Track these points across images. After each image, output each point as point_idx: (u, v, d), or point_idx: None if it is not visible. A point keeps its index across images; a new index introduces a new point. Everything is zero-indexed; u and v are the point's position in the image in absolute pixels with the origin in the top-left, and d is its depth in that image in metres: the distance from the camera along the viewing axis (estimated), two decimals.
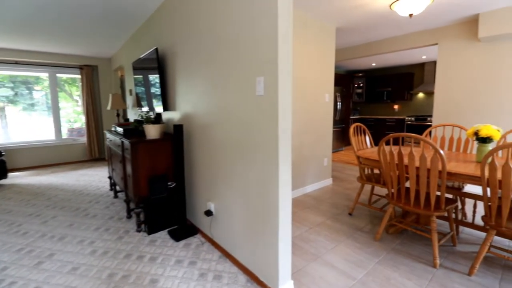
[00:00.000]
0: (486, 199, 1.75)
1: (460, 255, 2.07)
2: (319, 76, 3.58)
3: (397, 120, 7.08)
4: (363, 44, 4.80)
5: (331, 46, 3.72)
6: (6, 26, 3.59)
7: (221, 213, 2.08)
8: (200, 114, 2.24)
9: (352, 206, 2.81)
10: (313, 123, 3.58)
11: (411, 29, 4.00)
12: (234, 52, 1.73)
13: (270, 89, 1.48)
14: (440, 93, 3.92)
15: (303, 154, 3.48)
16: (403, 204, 2.08)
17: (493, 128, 2.07)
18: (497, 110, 3.48)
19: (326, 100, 3.74)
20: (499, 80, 3.44)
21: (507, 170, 1.56)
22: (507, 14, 3.10)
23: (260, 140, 1.59)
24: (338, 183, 4.01)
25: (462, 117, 3.73)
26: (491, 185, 1.66)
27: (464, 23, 3.64)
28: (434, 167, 1.83)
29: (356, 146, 2.81)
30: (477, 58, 3.58)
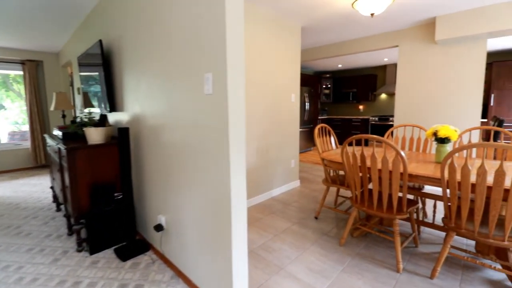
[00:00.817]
0: (446, 201, 1.73)
1: (422, 257, 2.05)
2: (285, 76, 3.46)
3: (362, 120, 7.29)
4: (329, 45, 4.81)
5: (297, 46, 3.64)
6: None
7: (173, 227, 1.85)
8: (148, 115, 1.98)
9: (318, 209, 2.72)
10: (280, 123, 3.46)
11: (374, 31, 4.05)
12: (184, 45, 1.52)
13: (219, 87, 1.29)
14: (401, 94, 4.02)
15: (270, 156, 3.34)
16: (366, 208, 2.01)
17: (451, 129, 2.08)
18: (453, 110, 3.63)
19: (292, 100, 3.65)
20: (454, 81, 3.59)
21: (466, 172, 1.53)
22: (462, 18, 3.24)
23: (210, 145, 1.40)
24: (306, 184, 3.94)
25: (422, 117, 3.85)
26: (450, 186, 1.63)
27: (422, 26, 3.76)
28: (395, 169, 1.78)
29: (321, 147, 2.73)
30: (434, 60, 3.72)
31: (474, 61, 3.43)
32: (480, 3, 3.01)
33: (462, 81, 3.52)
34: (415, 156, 2.44)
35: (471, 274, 1.84)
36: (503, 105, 5.32)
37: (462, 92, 3.53)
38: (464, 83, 3.51)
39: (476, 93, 3.45)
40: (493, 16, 3.02)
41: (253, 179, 3.12)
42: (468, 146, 1.49)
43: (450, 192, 1.65)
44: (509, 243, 1.50)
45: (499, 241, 1.52)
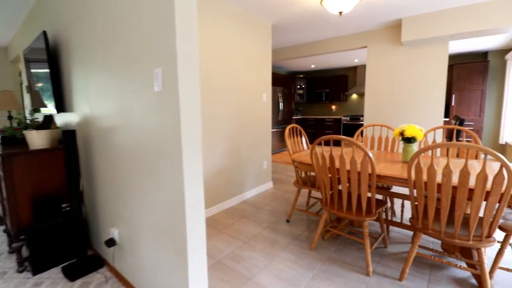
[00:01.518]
0: (413, 201, 1.71)
1: (391, 257, 2.04)
2: (256, 75, 3.36)
3: (335, 119, 7.41)
4: (301, 45, 4.78)
5: (268, 44, 3.54)
6: None
7: (127, 242, 1.65)
8: (98, 116, 1.77)
9: (289, 212, 2.64)
10: (251, 123, 3.34)
11: (344, 32, 4.08)
12: (131, 35, 1.34)
13: (169, 84, 1.14)
14: (370, 94, 4.08)
15: (241, 158, 3.21)
16: (336, 211, 1.95)
17: (417, 128, 2.09)
18: (419, 109, 3.75)
19: (264, 100, 3.55)
20: (419, 81, 3.70)
21: (432, 172, 1.51)
22: (425, 20, 3.33)
23: (162, 149, 1.24)
24: (279, 186, 3.86)
25: (390, 117, 3.93)
26: (417, 187, 1.61)
27: (389, 28, 3.84)
28: (364, 170, 1.73)
29: (292, 148, 2.65)
30: (400, 61, 3.81)
31: (438, 62, 3.55)
32: (442, 6, 3.12)
33: (426, 81, 3.64)
34: (383, 155, 2.44)
35: (438, 273, 1.85)
36: (463, 105, 5.64)
37: (426, 92, 3.65)
38: (429, 84, 3.63)
39: (439, 93, 3.58)
40: (454, 19, 3.14)
41: (224, 181, 2.98)
42: (433, 147, 1.46)
43: (416, 192, 1.63)
44: (473, 242, 1.50)
45: (464, 241, 1.52)
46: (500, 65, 5.46)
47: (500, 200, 1.40)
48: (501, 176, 1.33)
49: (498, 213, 1.43)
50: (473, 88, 5.50)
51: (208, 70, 2.68)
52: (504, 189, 1.36)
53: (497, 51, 5.49)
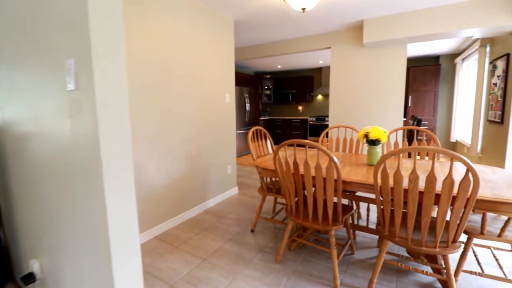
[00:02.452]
0: (379, 208, 1.62)
1: (359, 265, 1.95)
2: (217, 74, 3.12)
3: (301, 120, 7.43)
4: (266, 44, 4.65)
5: (230, 41, 3.33)
6: None
7: (50, 277, 1.33)
8: (11, 121, 1.41)
9: (254, 221, 2.46)
10: (213, 126, 3.10)
11: (308, 32, 4.02)
12: (40, 19, 1.04)
13: (84, 80, 0.87)
14: (334, 95, 4.07)
15: (203, 164, 2.95)
16: (301, 220, 1.81)
17: (380, 130, 2.03)
18: (381, 110, 3.81)
19: (227, 100, 3.33)
20: (381, 82, 3.76)
21: (399, 178, 1.42)
22: (386, 22, 3.37)
23: (79, 164, 0.97)
24: (244, 191, 3.66)
25: (354, 118, 3.95)
26: (383, 193, 1.51)
27: (352, 29, 3.85)
28: (329, 177, 1.60)
29: (256, 153, 2.47)
30: (363, 62, 3.84)
31: (397, 63, 3.63)
32: (401, 9, 3.17)
33: (387, 82, 3.71)
34: (348, 158, 2.37)
35: (405, 279, 1.79)
36: (418, 105, 5.96)
37: (388, 93, 3.72)
38: (390, 85, 3.70)
39: (399, 94, 3.66)
40: (412, 22, 3.21)
41: (183, 190, 2.70)
42: (399, 151, 1.37)
43: (383, 199, 1.54)
44: (440, 249, 1.44)
45: (431, 248, 1.45)
46: (451, 68, 5.86)
47: (465, 205, 1.35)
48: (467, 181, 1.27)
49: (464, 218, 1.38)
50: (427, 90, 5.83)
51: (163, 68, 2.40)
52: (469, 193, 1.30)
53: (448, 55, 5.89)
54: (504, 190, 1.44)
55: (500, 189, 1.47)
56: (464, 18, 2.94)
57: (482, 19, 2.86)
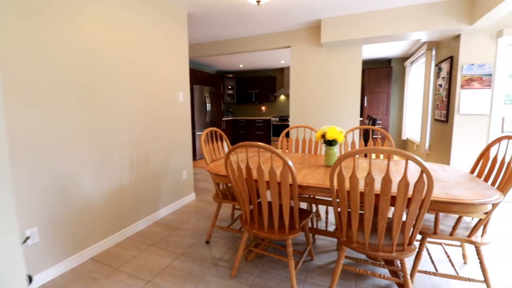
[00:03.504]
0: (336, 212, 1.52)
1: (318, 272, 1.85)
2: (169, 71, 2.84)
3: (265, 120, 7.37)
4: (225, 40, 4.44)
5: (183, 35, 3.06)
6: None
7: None
8: None
9: (209, 232, 2.24)
10: (165, 128, 2.81)
11: (268, 29, 3.91)
12: None
13: None
14: (294, 95, 4.02)
15: (151, 170, 2.65)
16: (257, 230, 1.65)
17: (337, 130, 1.96)
18: (339, 110, 3.84)
19: (180, 99, 3.05)
20: (338, 82, 3.79)
21: (354, 181, 1.33)
22: (342, 22, 3.38)
23: None
24: (203, 197, 3.42)
25: (314, 118, 3.94)
26: (340, 197, 1.42)
27: (311, 28, 3.83)
28: (284, 182, 1.46)
29: (210, 157, 2.26)
30: (321, 62, 3.84)
31: (353, 64, 3.69)
32: (356, 10, 3.20)
33: (345, 83, 3.75)
34: (307, 159, 2.28)
35: (363, 283, 1.73)
36: (373, 106, 6.24)
37: (345, 93, 3.76)
38: (346, 85, 3.75)
39: (355, 94, 3.73)
40: (366, 23, 3.26)
41: (127, 201, 2.38)
42: (354, 153, 1.28)
43: (340, 203, 1.45)
44: (397, 254, 1.38)
45: (387, 253, 1.39)
46: (401, 71, 6.24)
47: (420, 207, 1.30)
48: (422, 182, 1.22)
49: (419, 220, 1.34)
50: (381, 91, 6.14)
51: (98, 64, 2.06)
52: (424, 195, 1.25)
53: (398, 59, 6.26)
54: (455, 190, 1.43)
55: (452, 188, 1.46)
56: (413, 21, 3.06)
57: (429, 23, 2.99)
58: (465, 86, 3.13)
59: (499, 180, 1.59)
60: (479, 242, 1.51)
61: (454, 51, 3.30)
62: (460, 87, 3.15)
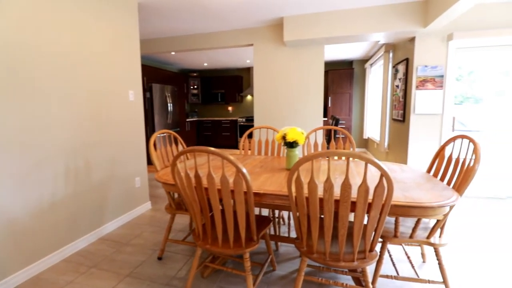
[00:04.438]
0: (296, 220, 1.40)
1: (280, 284, 1.72)
2: (117, 66, 2.53)
3: (231, 121, 7.18)
4: (186, 36, 4.18)
5: (133, 26, 2.76)
6: None
7: None
8: None
9: (161, 246, 2.00)
10: (111, 130, 2.49)
11: (230, 25, 3.74)
12: None
13: None
14: (258, 95, 3.90)
15: (94, 179, 2.33)
16: (210, 245, 1.47)
17: (298, 131, 1.86)
18: (303, 110, 3.79)
19: (130, 99, 2.75)
20: (302, 82, 3.75)
21: (313, 187, 1.21)
22: (305, 21, 3.33)
23: None
24: (160, 205, 3.14)
25: (278, 118, 3.85)
26: (299, 204, 1.30)
27: (274, 26, 3.73)
28: (238, 191, 1.31)
29: (160, 163, 2.02)
30: (284, 61, 3.77)
31: (316, 64, 3.67)
32: (318, 9, 3.16)
33: (308, 82, 3.72)
34: (269, 162, 2.15)
35: None
36: (336, 106, 6.38)
37: (308, 93, 3.73)
38: (310, 85, 3.72)
39: (318, 94, 3.71)
40: (328, 23, 3.24)
41: (62, 217, 2.04)
42: (313, 156, 1.16)
43: (299, 211, 1.33)
44: (358, 263, 1.29)
45: (349, 262, 1.30)
46: (362, 72, 6.46)
47: (380, 212, 1.22)
48: (382, 187, 1.14)
49: (380, 226, 1.26)
50: (343, 92, 6.30)
51: (26, 53, 1.72)
52: (384, 199, 1.18)
53: (359, 61, 6.47)
54: (414, 191, 1.39)
55: (411, 190, 1.42)
56: (373, 22, 3.10)
57: (387, 24, 3.05)
58: (419, 87, 3.25)
59: (455, 178, 1.59)
60: (438, 244, 1.50)
61: (409, 53, 3.42)
62: (415, 87, 3.27)
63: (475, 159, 1.44)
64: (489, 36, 2.92)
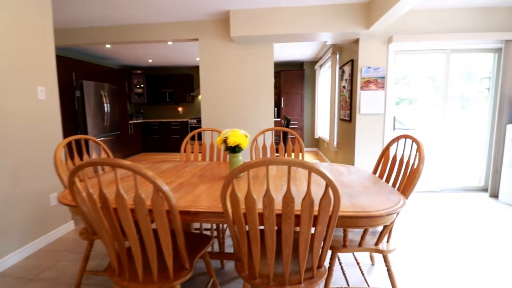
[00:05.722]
0: (236, 241, 1.18)
1: None
2: (19, 57, 2.01)
3: (181, 122, 6.73)
4: (119, 27, 3.68)
5: (44, 9, 2.25)
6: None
7: None
8: None
9: (77, 281, 1.61)
10: (10, 137, 1.97)
11: (171, 17, 3.38)
12: None
13: None
14: (205, 94, 3.62)
15: None
16: (128, 282, 1.16)
17: (240, 134, 1.65)
18: (253, 110, 3.62)
19: (40, 97, 2.24)
20: (251, 81, 3.57)
21: (251, 203, 1.01)
22: (253, 15, 3.15)
23: None
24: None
25: (227, 119, 3.62)
26: (236, 222, 1.08)
27: (220, 20, 3.49)
28: (158, 213, 1.04)
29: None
30: (233, 58, 3.55)
31: (265, 62, 3.53)
32: (265, 4, 3.01)
33: (258, 82, 3.56)
34: (212, 169, 1.90)
35: None
36: (289, 106, 6.41)
37: (258, 93, 3.57)
38: (260, 84, 3.56)
39: (269, 94, 3.58)
40: (277, 19, 3.12)
41: None
42: (249, 166, 0.95)
43: (237, 229, 1.11)
44: (306, 284, 1.13)
45: (296, 285, 1.12)
46: (312, 73, 6.60)
47: (328, 225, 1.07)
48: (328, 198, 0.98)
49: (327, 241, 1.11)
50: (295, 92, 6.35)
51: None
52: (331, 212, 1.03)
53: (310, 62, 6.60)
54: (362, 197, 1.28)
55: (358, 195, 1.31)
56: (320, 21, 3.07)
57: (334, 24, 3.05)
58: (364, 87, 3.33)
59: (400, 179, 1.55)
60: (386, 250, 1.42)
61: (354, 54, 3.49)
62: (360, 88, 3.34)
63: (419, 159, 1.40)
64: (423, 41, 3.11)
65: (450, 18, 3.13)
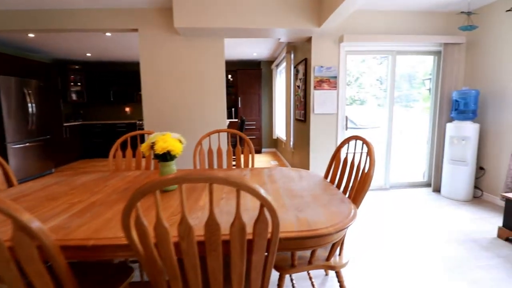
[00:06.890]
0: (152, 280, 0.90)
1: None
2: None
3: (129, 124, 6.10)
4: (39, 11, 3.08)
5: None
6: None
7: None
8: None
9: None
10: None
11: (104, 3, 2.92)
12: None
13: None
14: (147, 92, 3.23)
15: None
16: None
17: (172, 138, 1.37)
18: (203, 110, 3.33)
19: None
20: (200, 78, 3.27)
21: (163, 234, 0.75)
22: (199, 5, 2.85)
23: None
24: None
25: (172, 121, 3.27)
26: (147, 258, 0.81)
27: (162, 9, 3.13)
28: (25, 255, 0.72)
29: None
30: (178, 53, 3.21)
31: (216, 59, 3.27)
32: None
33: (207, 79, 3.28)
34: (141, 182, 1.58)
35: None
36: (247, 106, 6.22)
37: (208, 92, 3.29)
38: (210, 82, 3.29)
39: (220, 93, 3.32)
40: (226, 11, 2.87)
41: None
42: (149, 188, 0.69)
43: (151, 266, 0.84)
44: None
45: None
46: (269, 73, 6.49)
47: (267, 252, 0.86)
48: (264, 221, 0.77)
49: (268, 271, 0.90)
50: (253, 92, 6.18)
51: None
52: (270, 236, 0.82)
53: (266, 62, 6.49)
54: (310, 210, 1.10)
55: (306, 207, 1.13)
56: (272, 17, 2.90)
57: (286, 20, 2.90)
58: (317, 87, 3.26)
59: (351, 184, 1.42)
60: (339, 265, 1.27)
61: (307, 53, 3.41)
62: (313, 88, 3.27)
63: (370, 163, 1.27)
64: (371, 41, 3.15)
65: (395, 20, 3.22)
